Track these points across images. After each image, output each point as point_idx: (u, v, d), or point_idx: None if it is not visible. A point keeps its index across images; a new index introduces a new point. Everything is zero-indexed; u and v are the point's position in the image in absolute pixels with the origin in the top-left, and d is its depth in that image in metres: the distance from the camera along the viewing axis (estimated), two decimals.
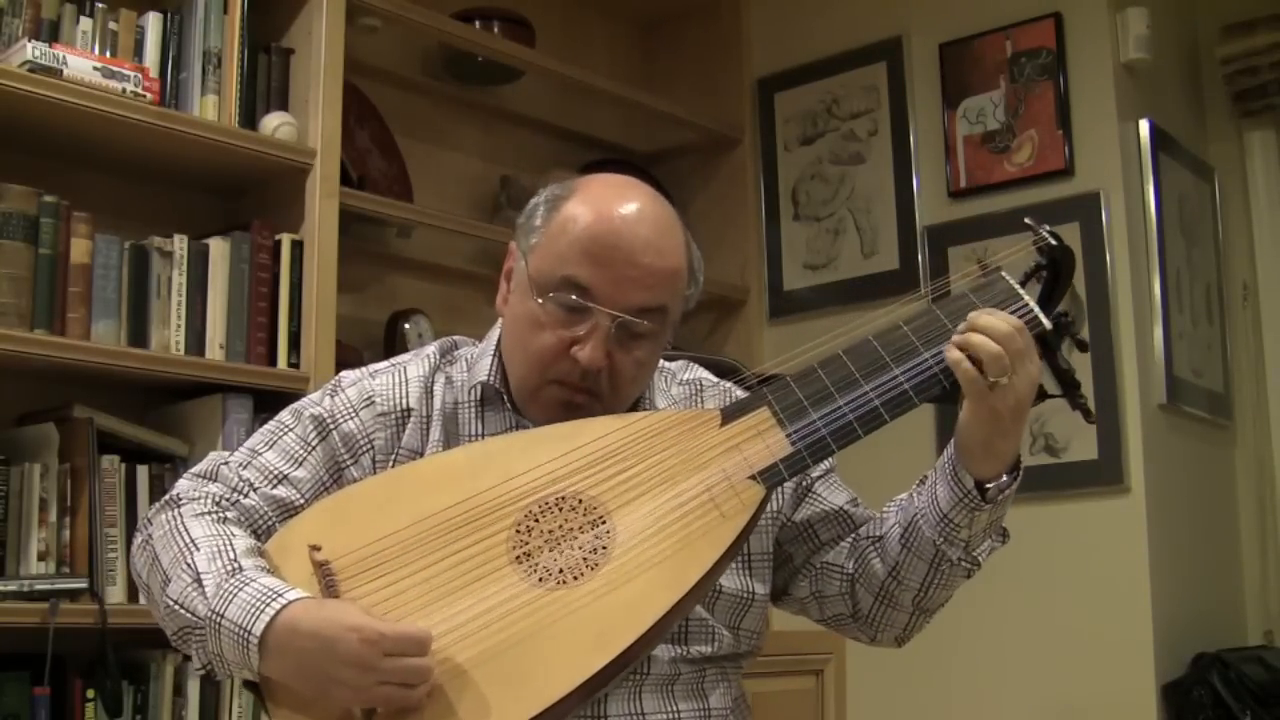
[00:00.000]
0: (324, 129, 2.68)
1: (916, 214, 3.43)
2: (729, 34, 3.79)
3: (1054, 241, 1.46)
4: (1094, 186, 3.16)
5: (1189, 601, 3.13)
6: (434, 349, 1.58)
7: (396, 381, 1.53)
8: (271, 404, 2.30)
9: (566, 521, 1.36)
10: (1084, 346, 1.52)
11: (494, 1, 3.32)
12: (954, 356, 1.38)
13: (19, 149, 2.48)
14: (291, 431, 1.51)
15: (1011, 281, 1.46)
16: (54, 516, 2.30)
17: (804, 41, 3.68)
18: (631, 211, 1.45)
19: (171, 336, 2.49)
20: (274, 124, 2.65)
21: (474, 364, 1.54)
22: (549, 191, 1.51)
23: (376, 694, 1.23)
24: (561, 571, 1.32)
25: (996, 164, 3.31)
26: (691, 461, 1.39)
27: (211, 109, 2.58)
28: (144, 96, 2.45)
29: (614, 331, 1.42)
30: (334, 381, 1.56)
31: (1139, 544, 3.02)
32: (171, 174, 2.69)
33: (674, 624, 1.37)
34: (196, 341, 2.51)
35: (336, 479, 1.49)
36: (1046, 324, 1.43)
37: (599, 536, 1.34)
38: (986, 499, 1.40)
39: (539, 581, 1.32)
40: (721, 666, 1.49)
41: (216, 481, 1.47)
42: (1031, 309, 1.43)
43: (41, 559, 2.27)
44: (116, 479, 2.39)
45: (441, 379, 1.54)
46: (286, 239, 2.62)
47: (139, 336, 2.45)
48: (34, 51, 2.32)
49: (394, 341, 3.04)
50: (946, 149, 3.39)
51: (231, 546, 1.36)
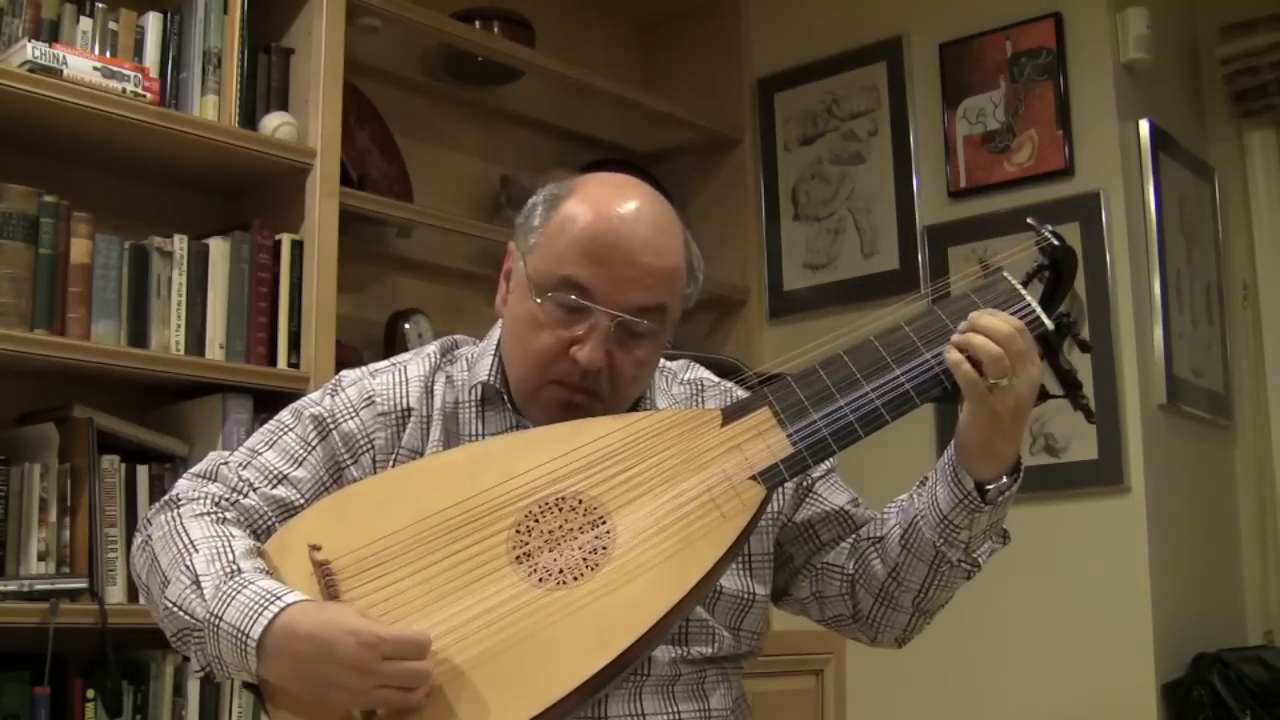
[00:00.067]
0: (324, 129, 2.68)
1: (916, 214, 3.43)
2: (729, 34, 3.79)
3: (1056, 242, 1.46)
4: (1094, 186, 3.16)
5: (1189, 601, 3.13)
6: (434, 348, 1.57)
7: (397, 381, 1.52)
8: (271, 404, 2.29)
9: (567, 522, 1.36)
10: (1086, 347, 1.51)
11: (494, 1, 3.31)
12: (953, 358, 1.37)
13: (19, 149, 2.48)
14: (291, 431, 1.51)
15: (1013, 282, 1.45)
16: (54, 516, 2.30)
17: (804, 41, 3.68)
18: (630, 211, 1.44)
19: (171, 336, 2.49)
20: (274, 124, 2.65)
21: (474, 363, 1.53)
22: (547, 191, 1.51)
23: (375, 697, 1.23)
24: (561, 572, 1.32)
25: (996, 164, 3.30)
26: (692, 462, 1.38)
27: (211, 109, 2.58)
28: (144, 96, 2.45)
29: (613, 331, 1.41)
30: (334, 381, 1.55)
31: (1139, 544, 3.01)
32: (171, 174, 2.69)
33: (674, 625, 1.36)
34: (196, 341, 2.51)
35: (336, 479, 1.49)
36: (1049, 324, 1.42)
37: (599, 537, 1.34)
38: (986, 500, 1.39)
39: (539, 582, 1.31)
40: (722, 667, 1.49)
41: (216, 482, 1.47)
42: (1033, 309, 1.43)
43: (41, 559, 2.27)
44: (116, 479, 2.39)
45: (442, 378, 1.53)
46: (286, 239, 2.62)
47: (139, 336, 2.45)
48: (34, 51, 2.32)
49: (394, 341, 3.04)
50: (946, 149, 3.39)
51: (230, 548, 1.35)
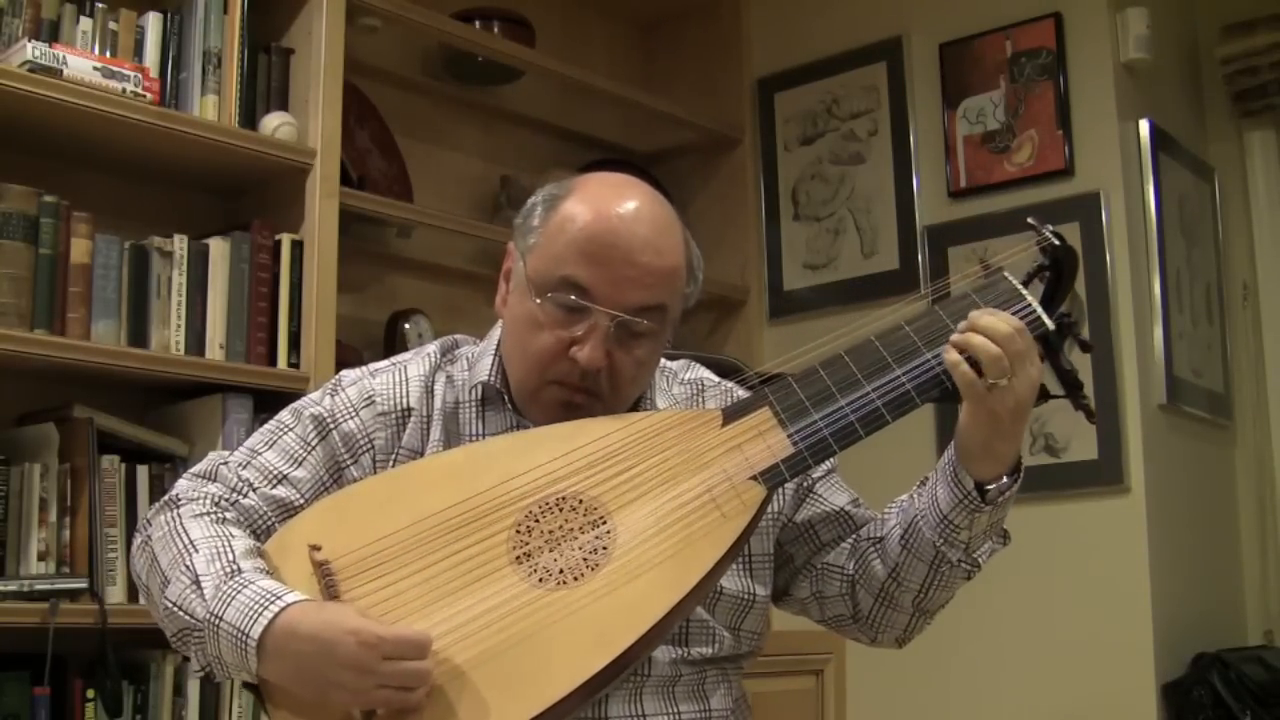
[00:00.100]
0: (324, 129, 2.68)
1: (916, 214, 3.42)
2: (729, 34, 3.79)
3: (1057, 242, 1.46)
4: (1094, 186, 3.16)
5: (1189, 601, 3.13)
6: (435, 348, 1.57)
7: (397, 381, 1.52)
8: (271, 404, 2.29)
9: (567, 522, 1.35)
10: (1087, 347, 1.51)
11: (494, 1, 3.31)
12: (952, 358, 1.37)
13: (19, 149, 2.48)
14: (291, 431, 1.51)
15: (1014, 282, 1.45)
16: (54, 516, 2.29)
17: (804, 41, 3.68)
18: (629, 210, 1.44)
19: (171, 336, 2.48)
20: (274, 124, 2.65)
21: (475, 363, 1.53)
22: (546, 191, 1.50)
23: (375, 697, 1.23)
24: (562, 572, 1.32)
25: (996, 164, 3.30)
26: (693, 462, 1.38)
27: (211, 109, 2.58)
28: (144, 96, 2.45)
29: (613, 331, 1.41)
30: (334, 381, 1.55)
31: (1139, 544, 3.01)
32: (171, 174, 2.69)
33: (675, 625, 1.36)
34: (196, 341, 2.51)
35: (336, 479, 1.48)
36: (1049, 324, 1.42)
37: (599, 537, 1.34)
38: (986, 500, 1.39)
39: (539, 582, 1.31)
40: (722, 668, 1.48)
41: (215, 482, 1.47)
42: (1034, 309, 1.43)
43: (41, 559, 2.27)
44: (116, 479, 2.39)
45: (442, 378, 1.53)
46: (286, 239, 2.62)
47: (139, 336, 2.45)
48: (34, 51, 2.32)
49: (394, 341, 3.04)
50: (946, 149, 3.39)
51: (230, 548, 1.35)
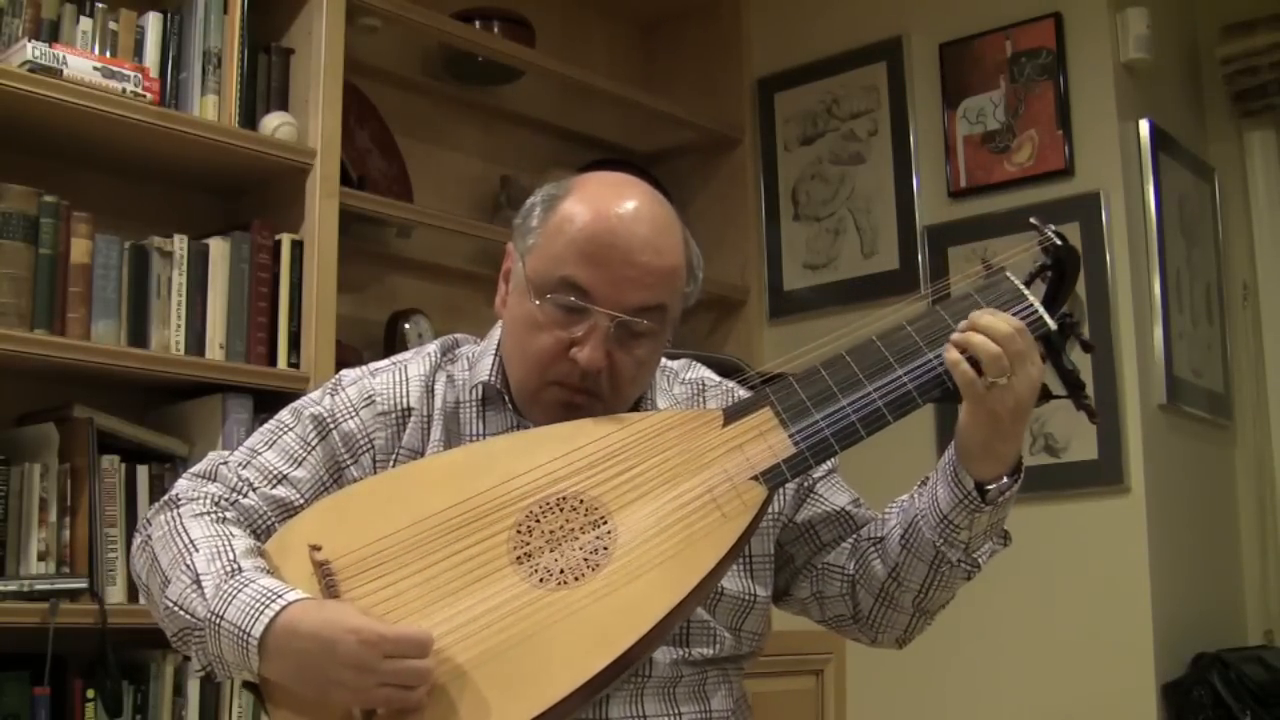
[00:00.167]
0: (324, 129, 2.68)
1: (916, 214, 3.42)
2: (729, 34, 3.79)
3: (1059, 242, 1.45)
4: (1094, 186, 3.16)
5: (1189, 601, 3.13)
6: (435, 347, 1.57)
7: (397, 380, 1.52)
8: (271, 404, 2.29)
9: (568, 522, 1.35)
10: (1088, 347, 1.51)
11: (494, 1, 3.31)
12: (952, 357, 1.37)
13: (19, 149, 2.47)
14: (291, 431, 1.50)
15: (1016, 282, 1.45)
16: (54, 516, 2.29)
17: (804, 41, 3.68)
18: (628, 210, 1.44)
19: (171, 336, 2.48)
20: (274, 124, 2.64)
21: (475, 363, 1.53)
22: (545, 191, 1.50)
23: (376, 695, 1.22)
24: (562, 572, 1.32)
25: (996, 164, 3.30)
26: (693, 462, 1.38)
27: (211, 109, 2.58)
28: (144, 96, 2.45)
29: (613, 331, 1.41)
30: (334, 380, 1.55)
31: (1139, 544, 3.01)
32: (171, 174, 2.69)
33: (675, 625, 1.36)
34: (196, 341, 2.51)
35: (336, 479, 1.48)
36: (1051, 324, 1.42)
37: (600, 537, 1.34)
38: (986, 500, 1.39)
39: (540, 582, 1.31)
40: (723, 668, 1.48)
41: (215, 481, 1.47)
42: (1036, 309, 1.42)
43: (41, 559, 2.27)
44: (116, 479, 2.39)
45: (443, 377, 1.53)
46: (286, 239, 2.62)
47: (139, 336, 2.45)
48: (34, 51, 2.32)
49: (394, 341, 3.04)
50: (946, 149, 3.39)
51: (231, 547, 1.35)
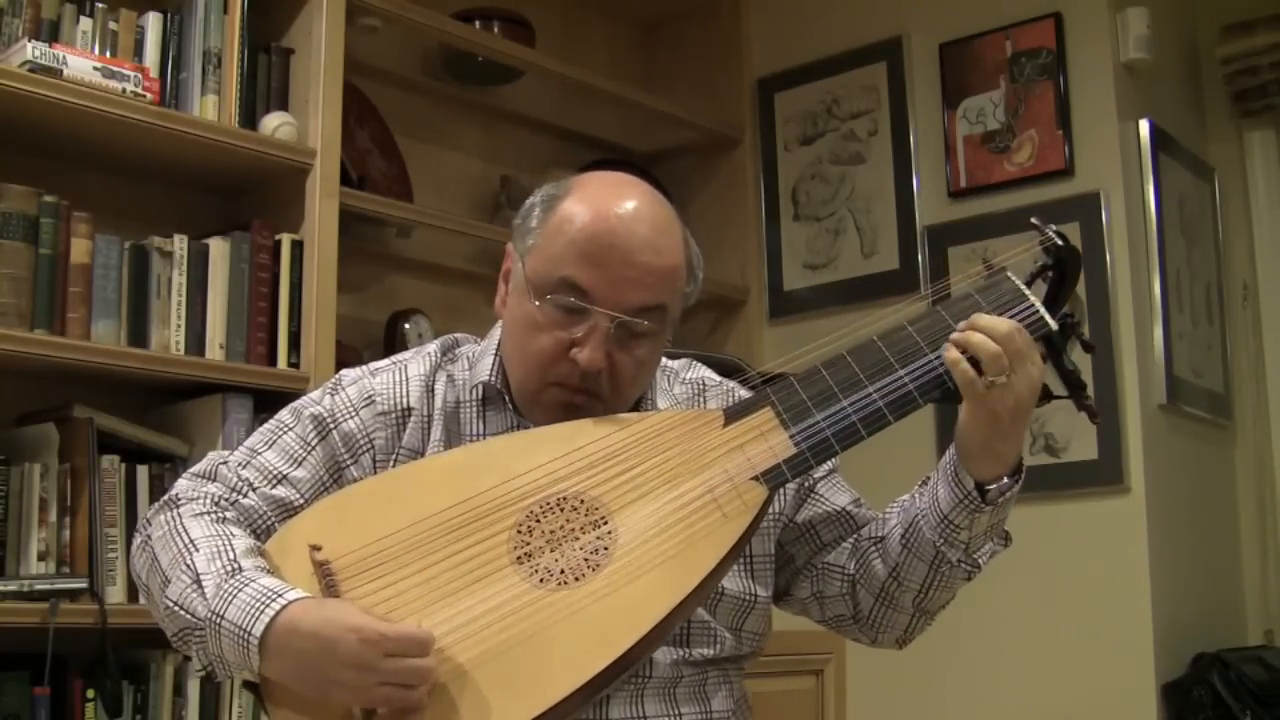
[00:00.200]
0: (324, 129, 2.68)
1: (916, 214, 3.42)
2: (729, 34, 3.79)
3: (1060, 242, 1.45)
4: (1094, 186, 3.16)
5: (1189, 601, 3.13)
6: (435, 347, 1.57)
7: (397, 380, 1.52)
8: (271, 404, 2.29)
9: (568, 522, 1.35)
10: (1089, 347, 1.51)
11: (494, 1, 3.31)
12: (952, 356, 1.37)
13: (19, 149, 2.47)
14: (291, 431, 1.50)
15: (1017, 282, 1.45)
16: (54, 516, 2.29)
17: (804, 41, 3.68)
18: (628, 210, 1.43)
19: (171, 336, 2.48)
20: (274, 124, 2.64)
21: (475, 363, 1.53)
22: (544, 192, 1.50)
23: (376, 694, 1.22)
24: (563, 572, 1.32)
25: (996, 164, 3.30)
26: (694, 462, 1.38)
27: (211, 109, 2.58)
28: (144, 96, 2.45)
29: (613, 332, 1.41)
30: (334, 380, 1.55)
31: (1139, 544, 3.01)
32: (171, 174, 2.69)
33: (676, 626, 1.36)
34: (196, 341, 2.51)
35: (336, 479, 1.48)
36: (1053, 325, 1.42)
37: (600, 537, 1.34)
38: (987, 500, 1.39)
39: (540, 582, 1.31)
40: (723, 669, 1.48)
41: (215, 481, 1.47)
42: (1037, 310, 1.42)
43: (41, 559, 2.27)
44: (116, 479, 2.39)
45: (443, 377, 1.53)
46: (286, 239, 2.62)
47: (139, 336, 2.45)
48: (34, 51, 2.32)
49: (394, 341, 3.04)
50: (946, 149, 3.39)
51: (231, 547, 1.35)
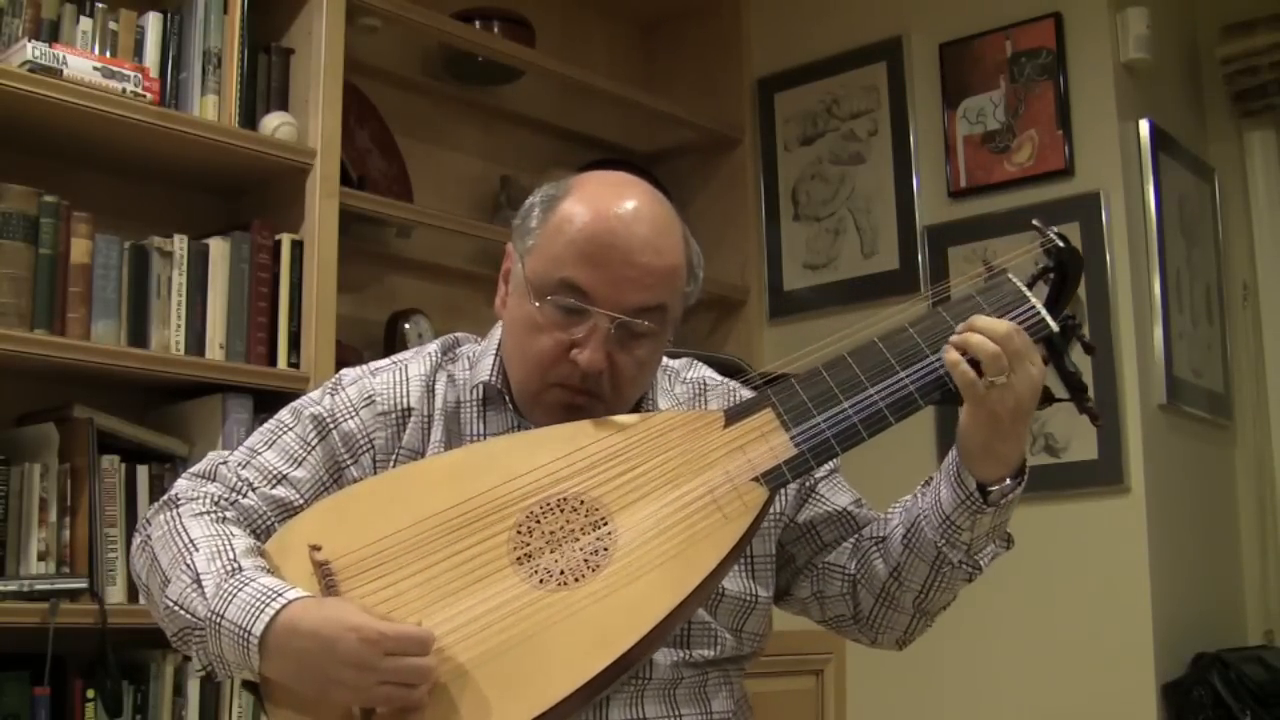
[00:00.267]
0: (324, 129, 2.68)
1: (916, 214, 3.42)
2: (729, 34, 3.79)
3: (1061, 244, 1.45)
4: (1094, 186, 3.16)
5: (1189, 601, 3.13)
6: (436, 347, 1.57)
7: (397, 380, 1.52)
8: (271, 404, 2.29)
9: (568, 523, 1.35)
10: (1090, 349, 1.51)
11: (494, 1, 3.31)
12: (952, 358, 1.37)
13: (19, 149, 2.47)
14: (291, 431, 1.50)
15: (1018, 283, 1.44)
16: (54, 516, 2.29)
17: (804, 41, 3.68)
18: (628, 210, 1.43)
19: (171, 336, 2.48)
20: (274, 124, 2.64)
21: (476, 363, 1.53)
22: (544, 192, 1.49)
23: (376, 694, 1.22)
24: (563, 573, 1.32)
25: (996, 164, 3.30)
26: (694, 463, 1.38)
27: (211, 109, 2.58)
28: (144, 96, 2.45)
29: (613, 332, 1.40)
30: (334, 380, 1.55)
31: (1139, 544, 3.01)
32: (171, 174, 2.69)
33: (676, 626, 1.36)
34: (196, 341, 2.51)
35: (336, 479, 1.48)
36: (1054, 326, 1.42)
37: (600, 538, 1.34)
38: (989, 501, 1.39)
39: (540, 583, 1.31)
40: (724, 669, 1.48)
41: (215, 481, 1.47)
42: (1038, 311, 1.42)
43: (41, 559, 2.27)
44: (116, 479, 2.39)
45: (443, 377, 1.53)
46: (286, 239, 2.62)
47: (139, 336, 2.45)
48: (34, 51, 2.32)
49: (394, 341, 3.04)
50: (946, 149, 3.39)
51: (231, 546, 1.35)
